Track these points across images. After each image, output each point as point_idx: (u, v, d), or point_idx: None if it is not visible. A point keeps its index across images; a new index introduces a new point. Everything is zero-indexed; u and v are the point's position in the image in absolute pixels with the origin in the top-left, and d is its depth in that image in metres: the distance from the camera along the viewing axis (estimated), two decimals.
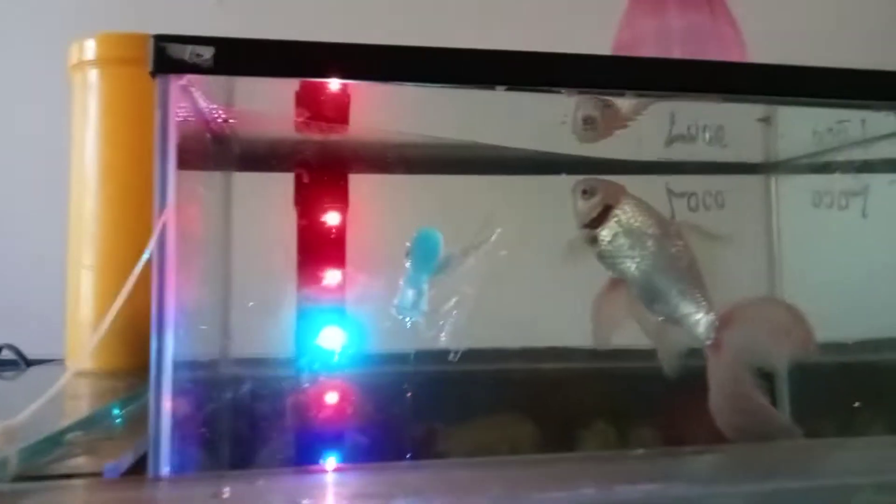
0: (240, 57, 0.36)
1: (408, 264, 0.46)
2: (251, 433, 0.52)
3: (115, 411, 0.39)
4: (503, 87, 0.39)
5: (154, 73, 0.35)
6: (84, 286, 0.55)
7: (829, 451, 0.30)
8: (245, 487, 0.25)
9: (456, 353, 0.44)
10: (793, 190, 0.64)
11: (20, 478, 0.26)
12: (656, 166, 0.62)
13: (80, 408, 0.39)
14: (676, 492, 0.21)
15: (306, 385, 0.54)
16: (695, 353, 0.48)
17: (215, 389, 0.49)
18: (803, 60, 0.46)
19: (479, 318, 0.51)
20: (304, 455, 0.54)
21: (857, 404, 0.62)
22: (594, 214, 0.47)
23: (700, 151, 0.59)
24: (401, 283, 0.46)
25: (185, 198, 0.39)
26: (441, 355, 0.50)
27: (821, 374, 0.64)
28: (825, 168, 0.61)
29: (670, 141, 0.58)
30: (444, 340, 0.43)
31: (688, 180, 0.60)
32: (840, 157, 0.59)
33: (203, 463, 0.43)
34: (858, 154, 0.58)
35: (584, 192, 0.47)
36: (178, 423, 0.36)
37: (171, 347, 0.34)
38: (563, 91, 0.41)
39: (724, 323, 0.45)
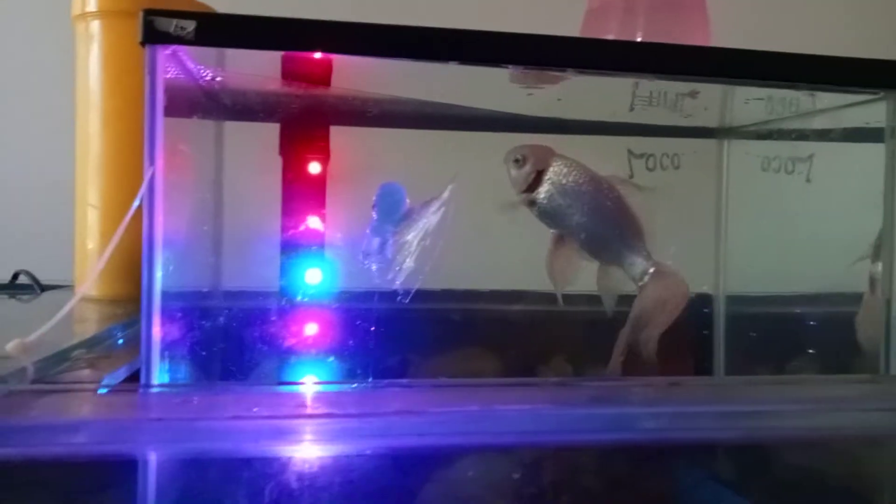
0: (220, 30, 0.41)
1: (374, 215, 0.52)
2: (239, 355, 0.59)
3: (116, 333, 0.45)
4: (455, 63, 0.44)
5: (143, 43, 0.40)
6: (90, 222, 0.62)
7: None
8: (212, 397, 0.31)
9: (406, 294, 0.50)
10: (743, 154, 0.68)
11: (35, 384, 0.32)
12: (618, 128, 0.67)
13: (86, 330, 0.46)
14: (541, 412, 0.28)
15: (288, 315, 0.61)
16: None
17: (206, 316, 0.56)
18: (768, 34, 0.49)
19: (449, 262, 0.57)
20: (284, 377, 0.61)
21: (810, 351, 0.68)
22: (529, 181, 0.51)
23: (660, 115, 0.64)
24: (367, 231, 0.52)
25: (176, 144, 0.45)
26: (416, 294, 0.56)
27: (759, 324, 0.71)
28: (775, 135, 0.65)
29: (633, 105, 0.62)
30: (398, 284, 0.50)
31: (647, 142, 0.65)
32: (789, 125, 0.63)
33: (195, 380, 0.50)
34: (806, 123, 0.63)
35: (516, 160, 0.51)
36: (169, 345, 0.43)
37: (158, 275, 0.40)
38: (508, 67, 0.45)
39: (657, 273, 0.50)
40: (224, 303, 0.61)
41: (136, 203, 0.40)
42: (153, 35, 0.39)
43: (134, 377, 0.40)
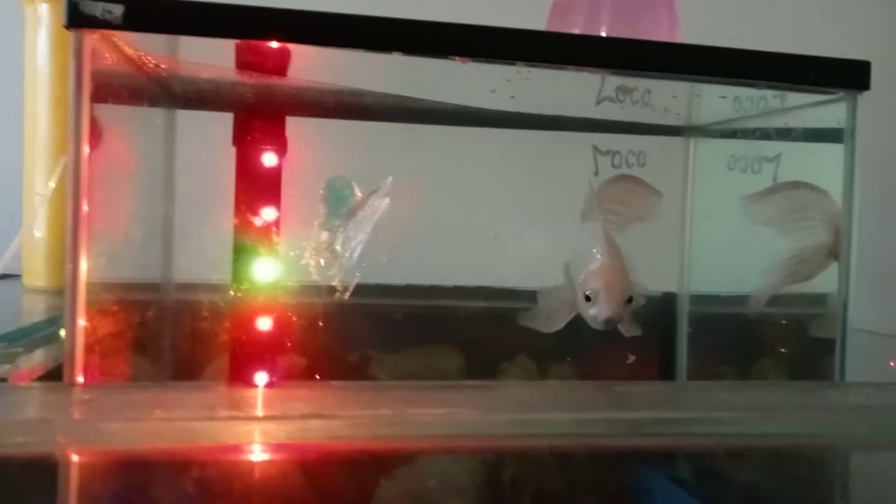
0: (149, 14, 0.39)
1: (322, 209, 0.50)
2: (186, 351, 0.58)
3: (46, 326, 0.44)
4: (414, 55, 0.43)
5: (68, 27, 0.38)
6: (37, 210, 0.60)
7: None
8: (120, 396, 0.30)
9: (346, 290, 0.48)
10: (710, 153, 0.67)
11: None
12: (584, 124, 0.66)
13: (15, 322, 0.44)
14: (457, 417, 0.26)
15: (239, 310, 0.60)
16: None
17: (145, 310, 0.55)
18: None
19: (407, 256, 0.55)
20: (237, 375, 0.60)
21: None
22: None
23: (626, 112, 0.63)
24: (316, 225, 0.51)
25: (118, 130, 0.44)
26: (378, 290, 0.55)
27: (722, 323, 0.70)
28: (742, 134, 0.64)
29: (599, 101, 0.61)
30: (341, 279, 0.48)
31: (613, 139, 0.63)
32: (757, 124, 0.62)
33: (134, 377, 0.49)
34: (771, 123, 0.61)
35: (587, 298, 0.45)
36: (101, 339, 0.41)
37: (83, 267, 0.39)
38: (457, 59, 0.44)
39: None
40: (171, 296, 0.60)
41: (49, 187, 0.38)
42: (79, 19, 0.38)
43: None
